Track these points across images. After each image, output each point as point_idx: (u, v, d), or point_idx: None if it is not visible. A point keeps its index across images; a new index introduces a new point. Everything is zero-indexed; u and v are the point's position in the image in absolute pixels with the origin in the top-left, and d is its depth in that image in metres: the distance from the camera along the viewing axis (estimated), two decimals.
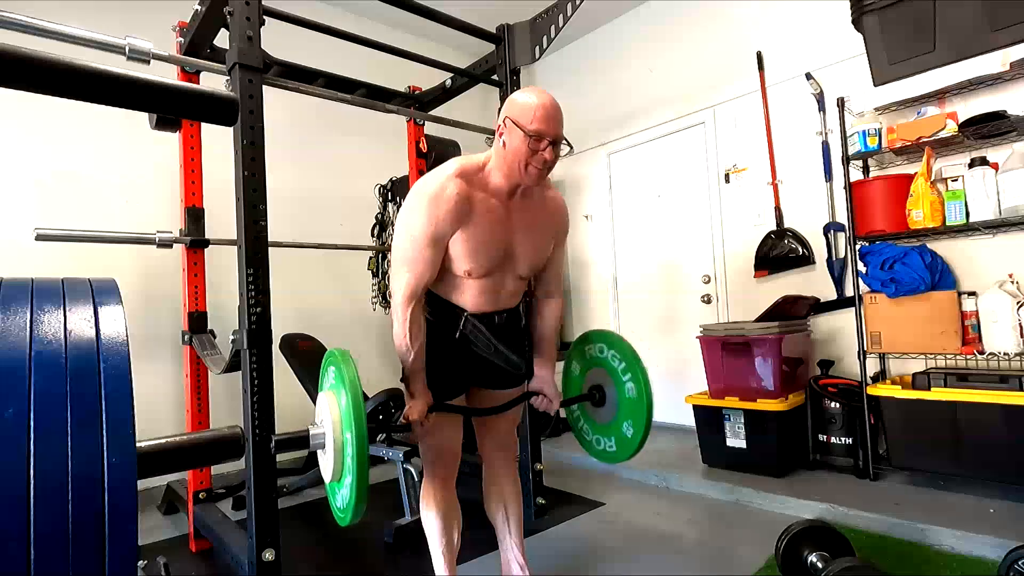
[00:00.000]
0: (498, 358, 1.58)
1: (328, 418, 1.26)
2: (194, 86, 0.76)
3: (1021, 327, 2.37)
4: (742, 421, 2.86)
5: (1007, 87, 2.58)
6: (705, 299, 3.82)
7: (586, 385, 1.82)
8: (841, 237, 3.15)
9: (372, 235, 3.64)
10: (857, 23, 2.73)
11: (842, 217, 3.06)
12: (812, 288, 3.23)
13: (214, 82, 1.76)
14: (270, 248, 1.81)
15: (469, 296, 1.52)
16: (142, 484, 0.92)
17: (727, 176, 3.71)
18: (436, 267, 1.46)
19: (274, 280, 1.83)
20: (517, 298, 1.62)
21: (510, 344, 1.60)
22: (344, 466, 1.24)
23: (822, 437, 2.88)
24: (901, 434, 2.56)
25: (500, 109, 1.52)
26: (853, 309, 2.83)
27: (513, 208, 1.51)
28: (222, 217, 2.25)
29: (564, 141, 1.45)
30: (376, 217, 3.65)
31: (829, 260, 3.18)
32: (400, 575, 2.15)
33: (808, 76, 3.26)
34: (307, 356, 3.05)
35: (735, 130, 3.67)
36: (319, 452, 1.32)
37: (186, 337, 2.44)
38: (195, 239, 2.42)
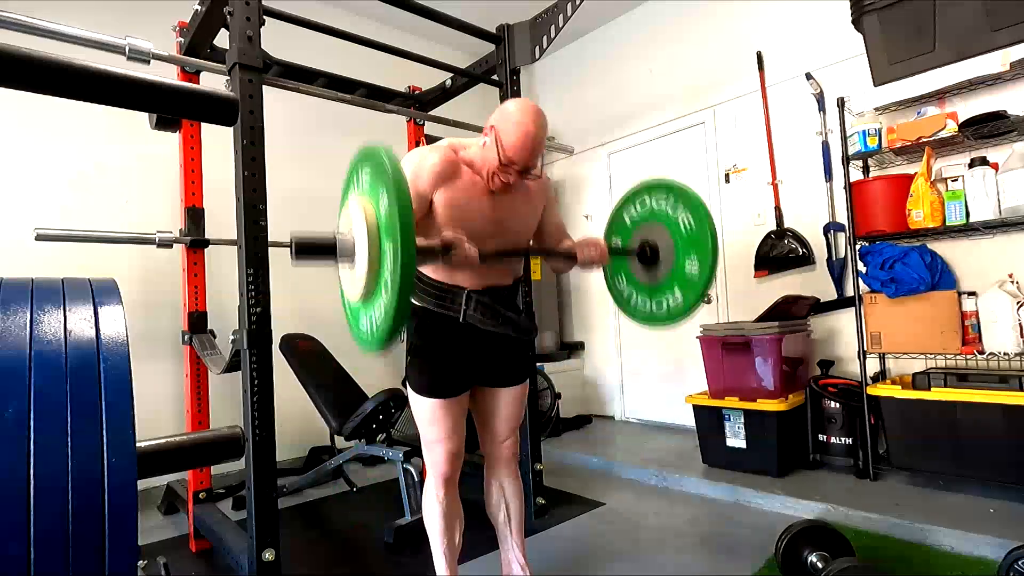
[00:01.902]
0: (507, 326, 1.59)
1: (360, 225, 1.06)
2: (194, 86, 0.76)
3: (1021, 327, 2.37)
4: (742, 421, 2.86)
5: (1007, 87, 2.58)
6: (705, 299, 3.82)
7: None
8: (841, 237, 3.15)
9: None
10: (857, 23, 2.73)
11: (842, 217, 3.06)
12: (812, 288, 3.23)
13: (214, 82, 1.76)
14: (270, 248, 1.81)
15: (466, 273, 1.55)
16: (142, 484, 0.92)
17: (727, 176, 3.71)
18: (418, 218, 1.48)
19: (274, 280, 1.83)
20: (513, 274, 1.67)
21: (516, 312, 1.64)
22: (380, 283, 1.05)
23: (822, 437, 2.88)
24: (901, 434, 2.56)
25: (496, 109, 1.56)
26: (853, 309, 2.83)
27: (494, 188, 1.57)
28: (222, 217, 2.25)
29: (541, 160, 1.54)
30: None
31: (829, 260, 3.18)
32: (400, 575, 2.15)
33: (808, 76, 3.26)
34: (307, 356, 3.05)
35: (735, 130, 3.67)
36: (342, 267, 1.13)
37: (186, 337, 2.45)
38: (195, 239, 2.42)
